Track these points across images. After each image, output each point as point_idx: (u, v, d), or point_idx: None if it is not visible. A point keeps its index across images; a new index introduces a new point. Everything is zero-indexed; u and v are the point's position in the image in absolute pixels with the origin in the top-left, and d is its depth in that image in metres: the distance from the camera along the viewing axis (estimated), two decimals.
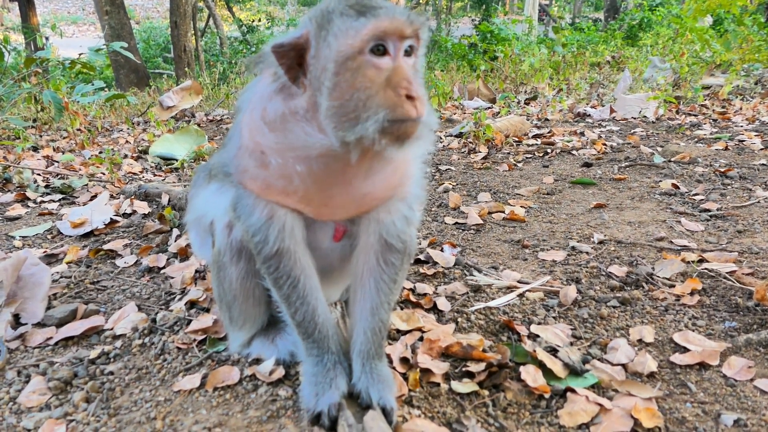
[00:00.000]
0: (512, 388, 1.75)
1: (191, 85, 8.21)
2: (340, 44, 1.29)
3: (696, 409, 1.67)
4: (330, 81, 1.31)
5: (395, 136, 1.32)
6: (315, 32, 1.34)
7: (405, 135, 1.33)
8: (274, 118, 1.41)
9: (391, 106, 1.30)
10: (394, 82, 1.30)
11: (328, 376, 1.60)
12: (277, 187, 1.47)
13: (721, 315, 2.21)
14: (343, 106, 1.31)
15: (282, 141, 1.42)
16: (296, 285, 1.60)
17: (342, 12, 1.31)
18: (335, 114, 1.32)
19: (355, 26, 1.28)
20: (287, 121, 1.40)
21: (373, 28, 1.27)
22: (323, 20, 1.33)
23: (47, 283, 2.37)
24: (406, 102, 1.30)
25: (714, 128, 6.23)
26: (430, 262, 2.76)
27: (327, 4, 1.35)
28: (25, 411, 1.71)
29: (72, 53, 7.45)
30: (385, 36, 1.29)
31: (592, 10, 36.29)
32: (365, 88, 1.29)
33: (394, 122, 1.30)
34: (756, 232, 3.08)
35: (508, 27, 15.36)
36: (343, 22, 1.30)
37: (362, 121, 1.30)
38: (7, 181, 4.47)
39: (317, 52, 1.33)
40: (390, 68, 1.31)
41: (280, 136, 1.41)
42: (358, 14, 1.29)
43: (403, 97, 1.30)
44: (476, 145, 5.62)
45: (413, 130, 1.34)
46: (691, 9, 9.17)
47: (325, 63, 1.31)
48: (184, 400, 1.71)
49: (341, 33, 1.29)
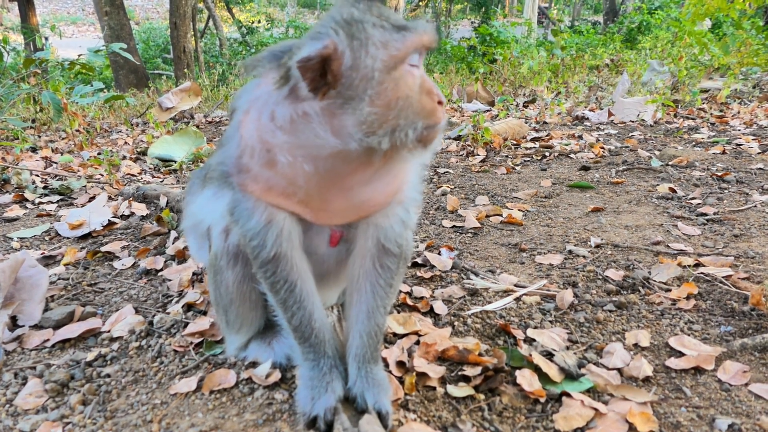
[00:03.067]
0: (508, 392, 1.75)
1: (190, 87, 8.20)
2: (386, 54, 1.33)
3: (691, 413, 1.67)
4: (374, 89, 1.33)
5: (425, 141, 1.42)
6: (347, 43, 1.33)
7: (431, 139, 1.43)
8: (283, 122, 1.42)
9: (429, 112, 1.39)
10: (426, 88, 1.40)
11: (324, 380, 1.61)
12: (279, 188, 1.48)
13: (717, 319, 2.22)
14: (384, 114, 1.35)
15: (293, 141, 1.43)
16: (293, 290, 1.60)
17: (376, 24, 1.34)
18: (375, 120, 1.34)
19: (398, 38, 1.34)
20: (297, 123, 1.41)
21: (417, 40, 1.35)
22: (356, 31, 1.33)
23: (45, 284, 2.38)
24: (438, 107, 1.40)
25: (712, 132, 6.25)
26: (428, 266, 2.76)
27: (351, 15, 1.35)
28: (22, 413, 1.71)
29: (71, 54, 7.46)
30: (422, 48, 1.38)
31: (591, 13, 36.38)
32: (407, 95, 1.36)
33: (428, 128, 1.40)
34: (752, 237, 3.09)
35: (507, 30, 15.37)
36: (383, 35, 1.34)
37: (401, 128, 1.37)
38: (5, 182, 4.47)
39: (355, 62, 1.33)
40: (420, 76, 1.39)
41: (292, 137, 1.43)
42: (396, 28, 1.35)
43: (436, 102, 1.40)
44: (474, 148, 5.63)
45: (437, 134, 1.44)
46: (689, 13, 9.20)
47: (368, 72, 1.33)
48: (180, 403, 1.71)
49: (384, 44, 1.33)
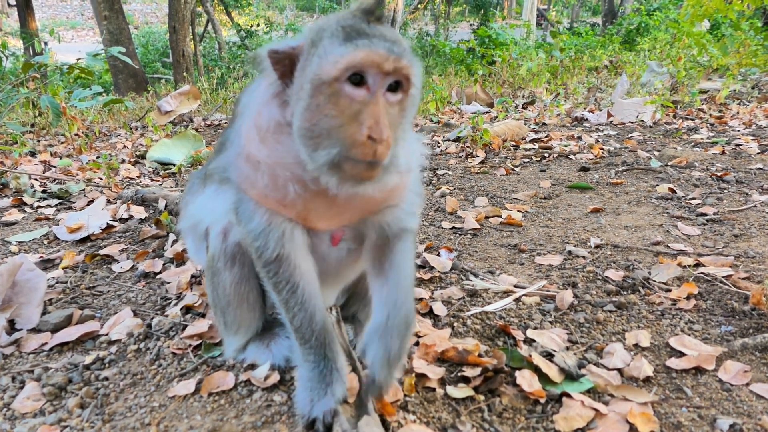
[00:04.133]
0: (508, 393, 1.75)
1: (189, 90, 8.19)
2: (321, 67, 1.25)
3: (692, 413, 1.67)
4: (304, 101, 1.29)
5: (347, 176, 1.27)
6: (307, 47, 1.31)
7: (358, 177, 1.28)
8: (267, 125, 1.39)
9: (348, 143, 1.23)
10: (362, 118, 1.23)
11: (324, 382, 1.60)
12: (275, 198, 1.47)
13: (718, 319, 2.21)
14: (310, 130, 1.28)
15: (273, 155, 1.39)
16: (295, 291, 1.59)
17: (333, 33, 1.27)
18: (302, 136, 1.30)
19: (338, 52, 1.23)
20: (281, 132, 1.37)
21: (351, 57, 1.22)
22: (316, 37, 1.30)
23: (43, 288, 2.37)
24: (366, 143, 1.22)
25: (711, 132, 6.24)
26: (427, 267, 2.76)
27: (326, 21, 1.32)
28: (20, 417, 1.71)
29: (70, 58, 7.46)
30: (362, 67, 1.23)
31: (590, 14, 36.44)
32: (332, 116, 1.25)
33: (348, 159, 1.25)
34: (752, 236, 3.08)
35: (506, 32, 15.41)
36: (329, 45, 1.26)
37: (320, 148, 1.26)
38: (4, 186, 4.47)
39: (303, 67, 1.31)
40: (364, 101, 1.24)
41: (272, 148, 1.39)
42: (344, 40, 1.24)
43: (365, 136, 1.22)
44: (474, 150, 5.62)
45: (369, 174, 1.27)
46: (688, 14, 9.20)
47: (305, 81, 1.29)
48: (178, 406, 1.70)
49: (324, 55, 1.26)
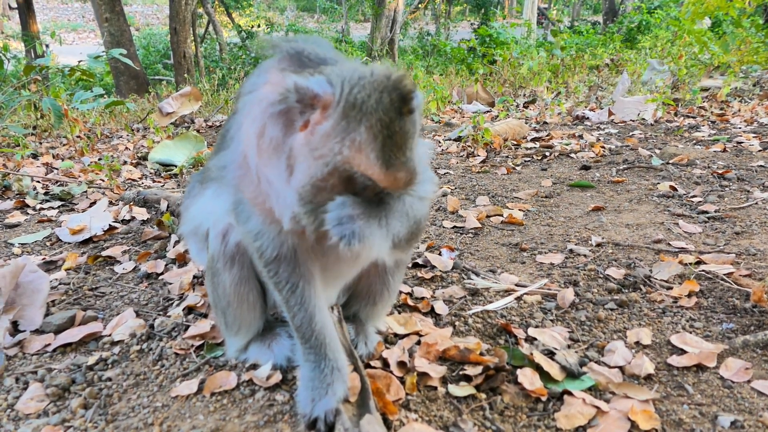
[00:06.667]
0: (509, 391, 1.75)
1: (190, 91, 8.20)
2: (351, 162, 1.25)
3: (693, 410, 1.67)
4: (315, 172, 1.27)
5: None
6: (343, 110, 1.22)
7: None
8: (268, 143, 1.34)
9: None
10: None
11: (325, 382, 1.60)
12: (269, 204, 1.46)
13: (719, 317, 2.21)
14: (308, 200, 1.32)
15: (266, 171, 1.37)
16: (295, 290, 1.60)
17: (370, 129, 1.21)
18: (299, 196, 1.32)
19: (373, 170, 1.25)
20: (280, 151, 1.32)
21: (383, 179, 1.26)
22: (349, 107, 1.22)
23: (46, 289, 2.38)
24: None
25: (712, 130, 6.24)
26: (428, 266, 2.76)
27: (361, 88, 1.22)
28: (23, 418, 1.71)
29: (72, 60, 7.46)
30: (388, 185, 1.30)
31: (590, 13, 36.39)
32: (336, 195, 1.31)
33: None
34: (754, 234, 3.08)
35: (506, 31, 15.41)
36: (366, 149, 1.23)
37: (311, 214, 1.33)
38: (6, 189, 4.48)
39: (335, 126, 1.23)
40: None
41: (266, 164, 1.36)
42: (383, 162, 1.24)
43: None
44: (475, 149, 5.63)
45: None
46: (689, 11, 9.17)
47: (332, 142, 1.24)
48: (181, 406, 1.71)
49: (356, 154, 1.23)
